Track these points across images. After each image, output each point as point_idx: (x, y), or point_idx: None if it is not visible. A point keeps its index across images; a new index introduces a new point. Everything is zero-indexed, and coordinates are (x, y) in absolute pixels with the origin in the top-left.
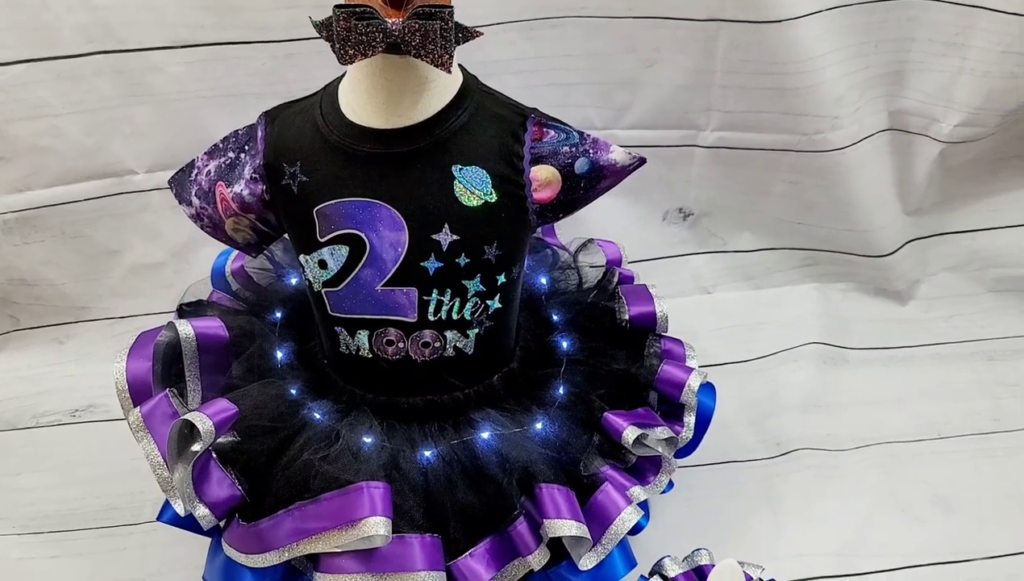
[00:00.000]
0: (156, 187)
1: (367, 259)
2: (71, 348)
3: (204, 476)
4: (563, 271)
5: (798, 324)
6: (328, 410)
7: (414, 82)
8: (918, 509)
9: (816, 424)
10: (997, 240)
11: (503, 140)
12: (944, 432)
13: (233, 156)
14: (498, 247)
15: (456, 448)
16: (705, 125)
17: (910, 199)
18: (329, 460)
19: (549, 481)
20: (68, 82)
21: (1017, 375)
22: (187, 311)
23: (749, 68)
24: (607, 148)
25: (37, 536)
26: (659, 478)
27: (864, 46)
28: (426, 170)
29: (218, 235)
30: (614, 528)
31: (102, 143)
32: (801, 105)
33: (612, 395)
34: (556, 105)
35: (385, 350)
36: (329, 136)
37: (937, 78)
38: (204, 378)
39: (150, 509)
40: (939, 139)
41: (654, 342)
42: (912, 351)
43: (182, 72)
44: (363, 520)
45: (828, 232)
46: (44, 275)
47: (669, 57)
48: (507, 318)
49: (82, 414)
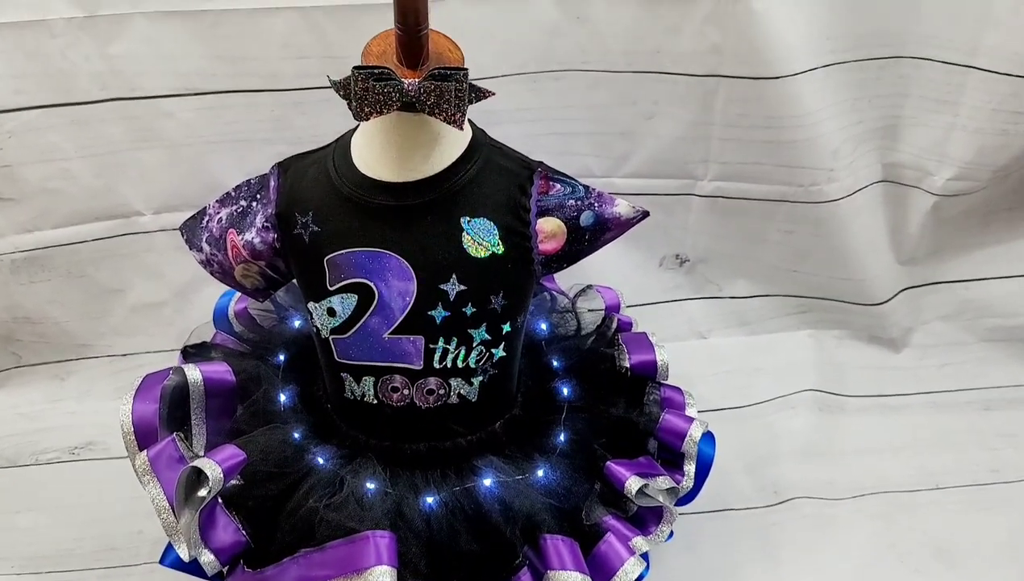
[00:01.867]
0: (162, 228)
1: (375, 308)
2: (72, 385)
3: (210, 522)
4: (562, 315)
5: (793, 370)
6: (332, 455)
7: (426, 137)
8: (917, 560)
9: (813, 472)
10: (990, 290)
11: (510, 193)
12: (942, 483)
13: (245, 204)
14: (504, 297)
15: (459, 495)
16: (703, 175)
17: (904, 249)
18: (334, 508)
19: (553, 531)
20: (80, 127)
21: (1014, 426)
22: (192, 353)
23: (747, 121)
24: (612, 202)
25: (35, 576)
26: (660, 528)
27: (859, 101)
28: (435, 222)
29: (227, 281)
30: (617, 579)
31: (111, 185)
32: (797, 157)
33: (613, 443)
34: (557, 153)
35: (390, 397)
36: (342, 188)
37: (930, 133)
38: (209, 422)
39: (148, 549)
40: (932, 192)
41: (654, 390)
42: (908, 399)
43: (192, 118)
44: (369, 569)
45: (823, 280)
46: (48, 313)
47: (668, 110)
48: (511, 366)
49: (82, 451)
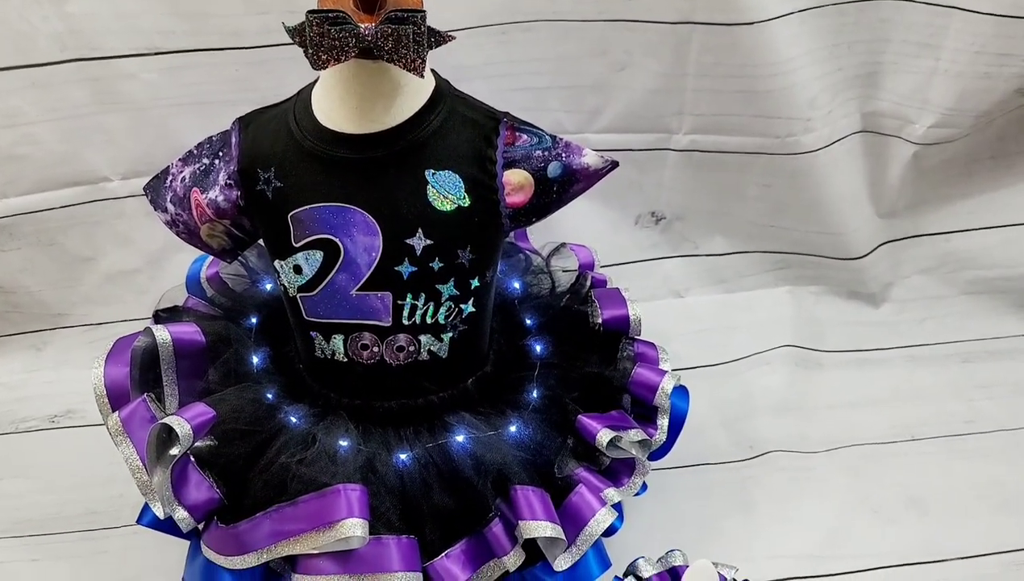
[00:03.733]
0: (131, 194)
1: (341, 264)
2: (49, 355)
3: (183, 479)
4: (536, 275)
5: (770, 327)
6: (304, 414)
7: (387, 87)
8: (891, 510)
9: (789, 427)
10: (971, 242)
11: (476, 144)
12: (917, 434)
13: (208, 162)
14: (471, 251)
15: (431, 451)
16: (677, 128)
17: (883, 201)
18: (306, 463)
19: (524, 483)
20: (42, 90)
21: (991, 377)
22: (163, 317)
23: (721, 71)
24: (580, 152)
25: (18, 540)
26: (633, 480)
27: (837, 48)
28: (399, 175)
29: (193, 241)
30: (588, 529)
31: (76, 150)
32: (774, 108)
33: (586, 398)
34: (527, 109)
35: (360, 354)
36: (303, 141)
37: (911, 79)
38: (181, 383)
39: (129, 513)
40: (913, 141)
41: (627, 345)
42: (886, 354)
43: (155, 79)
44: (340, 522)
45: (800, 235)
46: (21, 282)
47: (640, 60)
48: (481, 322)
49: (61, 419)
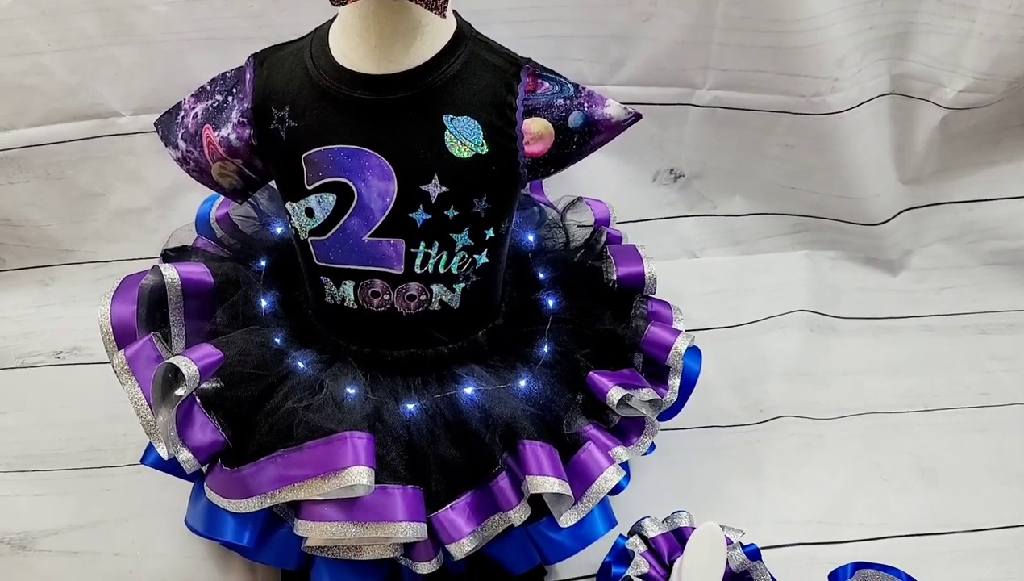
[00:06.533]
0: (141, 130)
1: (355, 208)
2: (56, 290)
3: (188, 421)
4: (550, 229)
5: (786, 291)
6: (312, 360)
7: (407, 26)
8: (901, 480)
9: (800, 392)
10: (995, 211)
11: (496, 90)
12: (931, 405)
13: (221, 99)
14: (487, 201)
15: (439, 402)
16: (701, 83)
17: (908, 167)
18: (313, 409)
19: (532, 438)
20: (51, 19)
21: (1009, 349)
22: (171, 256)
23: (749, 25)
24: (602, 102)
25: (22, 474)
26: (642, 439)
27: (870, 5)
28: (417, 119)
29: (204, 180)
30: (595, 487)
31: (87, 83)
32: (801, 66)
33: (597, 355)
34: (549, 58)
35: (370, 301)
36: (319, 81)
37: (944, 41)
38: (188, 323)
39: (134, 451)
40: (942, 105)
41: (641, 303)
42: (901, 322)
43: (166, 12)
44: (346, 469)
45: (821, 198)
46: (29, 216)
47: (666, 11)
48: (494, 273)
49: (67, 356)
